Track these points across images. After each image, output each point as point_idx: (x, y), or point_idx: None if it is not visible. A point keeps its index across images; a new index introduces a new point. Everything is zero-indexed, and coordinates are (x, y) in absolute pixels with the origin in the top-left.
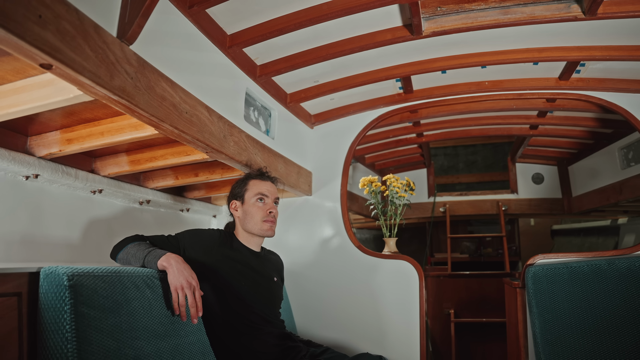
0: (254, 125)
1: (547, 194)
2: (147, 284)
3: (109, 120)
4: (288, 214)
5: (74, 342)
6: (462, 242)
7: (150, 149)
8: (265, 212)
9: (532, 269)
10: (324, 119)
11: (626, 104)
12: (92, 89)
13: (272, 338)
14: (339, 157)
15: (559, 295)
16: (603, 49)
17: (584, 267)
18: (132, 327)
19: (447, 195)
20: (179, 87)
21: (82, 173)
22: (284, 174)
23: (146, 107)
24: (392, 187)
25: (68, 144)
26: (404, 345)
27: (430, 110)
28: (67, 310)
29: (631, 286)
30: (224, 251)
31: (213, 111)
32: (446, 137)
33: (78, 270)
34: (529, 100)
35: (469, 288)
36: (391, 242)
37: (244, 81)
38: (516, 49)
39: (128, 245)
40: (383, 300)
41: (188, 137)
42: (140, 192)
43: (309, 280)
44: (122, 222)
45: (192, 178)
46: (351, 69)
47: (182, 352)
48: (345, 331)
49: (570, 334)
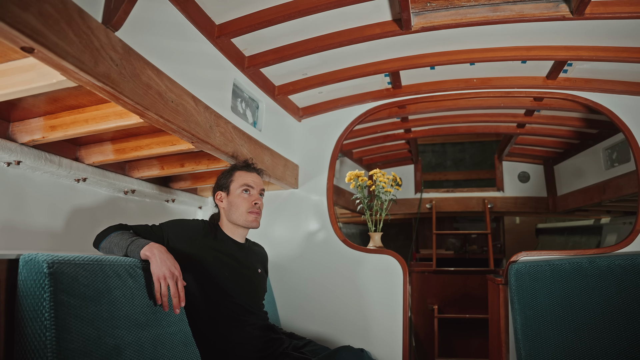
0: (241, 117)
1: (532, 192)
2: (130, 273)
3: (93, 108)
4: (274, 207)
5: (53, 330)
6: (448, 239)
7: (135, 138)
8: (250, 204)
9: (515, 265)
10: (312, 112)
11: (611, 104)
12: (76, 74)
13: (254, 329)
14: (326, 150)
15: (540, 292)
16: (590, 49)
17: (566, 265)
18: (113, 316)
19: (434, 192)
20: (165, 75)
21: (66, 161)
22: (271, 166)
23: (131, 94)
24: (378, 182)
25: (51, 130)
26: (386, 339)
27: (418, 106)
28: (47, 298)
29: (610, 284)
30: (208, 242)
31: (199, 101)
32: (434, 133)
33: (58, 258)
34: (517, 98)
35: (453, 284)
36: (376, 237)
37: (231, 72)
38: (505, 47)
39: (111, 234)
40: (367, 294)
41: (173, 126)
42: (125, 181)
43: (293, 273)
44: (106, 212)
45: (178, 168)
46: (340, 62)
47: (164, 342)
48: (329, 324)
49: (550, 330)
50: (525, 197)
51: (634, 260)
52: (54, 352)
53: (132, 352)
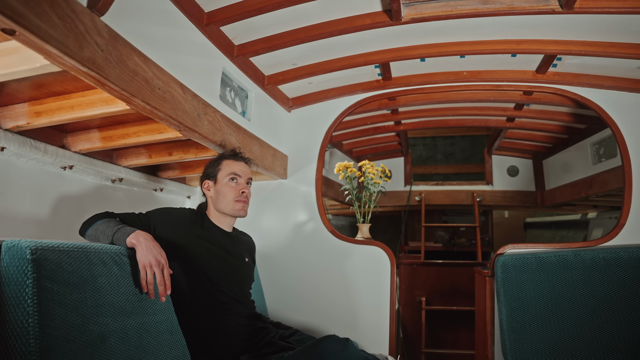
0: (230, 106)
1: (521, 186)
2: (115, 261)
3: (79, 94)
4: (262, 197)
5: (36, 317)
6: (437, 232)
7: (123, 125)
8: (237, 192)
9: (502, 258)
10: (302, 102)
11: (599, 99)
12: (60, 59)
13: (241, 318)
14: (316, 141)
15: (526, 284)
16: (579, 44)
17: (552, 258)
18: (98, 304)
19: (423, 185)
20: (152, 62)
21: (51, 148)
22: (259, 156)
23: (117, 80)
24: (367, 174)
25: (37, 116)
26: (373, 330)
27: (408, 98)
28: (29, 284)
29: (594, 277)
30: (194, 230)
31: (187, 89)
32: (424, 126)
33: (42, 245)
34: (506, 92)
35: (441, 277)
36: (364, 228)
37: (220, 61)
38: (495, 40)
39: (97, 222)
40: (354, 285)
41: (160, 113)
42: (113, 169)
43: (281, 264)
44: (93, 200)
45: (166, 157)
46: (330, 52)
47: (150, 330)
48: (316, 315)
49: (535, 322)
50: (514, 191)
51: (617, 253)
52: (36, 338)
53: (117, 339)
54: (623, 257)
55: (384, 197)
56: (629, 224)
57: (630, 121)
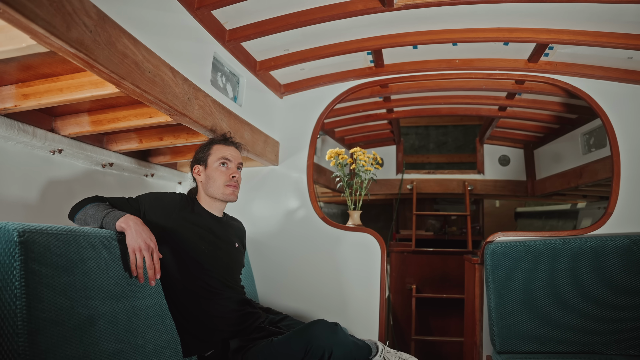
0: (221, 91)
1: (512, 176)
2: (104, 245)
3: (68, 77)
4: (254, 183)
5: (24, 299)
6: (428, 220)
7: (113, 109)
8: (227, 177)
9: (491, 245)
10: (294, 89)
11: (590, 89)
12: (47, 39)
13: (231, 303)
14: (307, 128)
15: (514, 272)
16: (571, 33)
17: (540, 246)
18: (87, 287)
19: (415, 173)
20: (142, 45)
21: (40, 131)
22: (250, 141)
23: (106, 62)
24: (359, 160)
25: (24, 99)
26: (363, 316)
27: (400, 86)
28: (17, 266)
29: (581, 265)
30: (184, 215)
31: (178, 73)
32: (416, 114)
33: (30, 227)
34: (498, 81)
35: (431, 265)
36: (355, 215)
37: (211, 45)
38: (487, 28)
39: (87, 206)
40: (345, 272)
41: (150, 97)
42: (103, 154)
43: (272, 250)
44: (83, 185)
45: (157, 142)
46: (322, 38)
47: (139, 314)
48: (306, 301)
49: (522, 309)
50: (505, 181)
51: (604, 242)
52: (24, 320)
53: (106, 323)
54: (610, 246)
55: (375, 185)
56: (616, 213)
57: (620, 111)
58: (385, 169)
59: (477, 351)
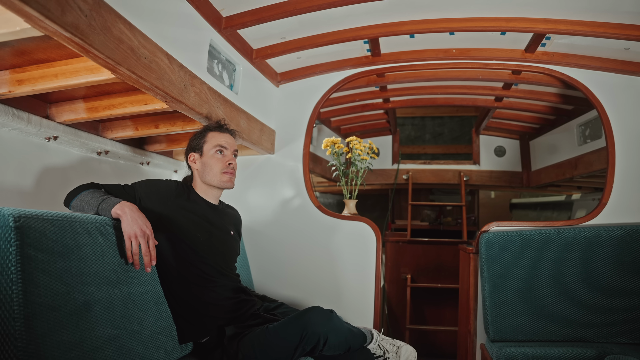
0: (217, 79)
1: (507, 166)
2: (100, 231)
3: (63, 62)
4: (249, 172)
5: (20, 284)
6: (423, 210)
7: (108, 96)
8: (224, 164)
9: (486, 235)
10: (290, 77)
11: (586, 80)
12: (41, 22)
13: (226, 291)
14: (303, 116)
15: (509, 261)
16: (568, 23)
17: (535, 236)
18: (83, 273)
19: (411, 163)
20: (138, 31)
21: (35, 118)
22: (247, 129)
23: (102, 48)
24: (355, 149)
25: (19, 85)
26: (358, 304)
27: (397, 76)
28: (13, 251)
29: (575, 254)
30: (180, 202)
31: (174, 59)
32: (412, 104)
33: (25, 212)
34: (495, 71)
35: (426, 254)
36: (351, 204)
37: (208, 32)
38: (485, 17)
39: (82, 192)
40: (340, 260)
41: (146, 83)
42: (99, 141)
43: (268, 239)
44: (78, 172)
45: (153, 129)
46: (319, 27)
47: (135, 300)
48: (302, 289)
49: (516, 298)
50: (501, 171)
51: (598, 232)
52: (20, 305)
53: (102, 308)
54: (603, 236)
55: (371, 175)
56: (610, 203)
57: (616, 102)
58: (381, 159)
59: (471, 340)
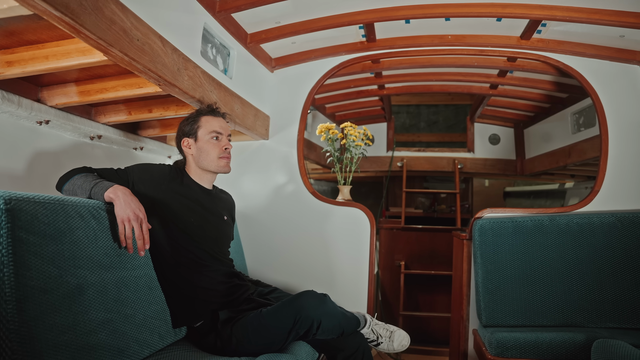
0: (212, 63)
1: (502, 154)
2: (93, 215)
3: (54, 44)
4: (244, 158)
5: (11, 266)
6: (417, 198)
7: (101, 79)
8: (221, 149)
9: (480, 221)
10: (285, 63)
11: (581, 67)
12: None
13: (219, 275)
14: (298, 102)
15: (502, 247)
16: (564, 9)
17: (528, 222)
18: (75, 256)
19: (405, 150)
20: (130, 12)
21: (26, 101)
22: (241, 114)
23: (93, 28)
24: (349, 135)
25: (8, 66)
26: (352, 290)
27: (392, 62)
28: (4, 234)
29: (567, 240)
30: (173, 186)
31: (167, 42)
32: (408, 91)
33: (16, 195)
34: (490, 58)
35: (420, 241)
36: (345, 190)
37: (202, 16)
38: (480, 3)
39: (75, 176)
40: (334, 246)
41: (139, 66)
42: (91, 126)
43: (261, 224)
44: (71, 157)
45: (146, 114)
46: (314, 11)
47: (128, 284)
48: (296, 274)
49: (509, 284)
50: (495, 159)
51: (590, 218)
52: (12, 287)
53: (95, 292)
54: (595, 223)
55: (365, 162)
56: (602, 191)
57: (610, 90)
58: (375, 146)
59: (463, 325)
